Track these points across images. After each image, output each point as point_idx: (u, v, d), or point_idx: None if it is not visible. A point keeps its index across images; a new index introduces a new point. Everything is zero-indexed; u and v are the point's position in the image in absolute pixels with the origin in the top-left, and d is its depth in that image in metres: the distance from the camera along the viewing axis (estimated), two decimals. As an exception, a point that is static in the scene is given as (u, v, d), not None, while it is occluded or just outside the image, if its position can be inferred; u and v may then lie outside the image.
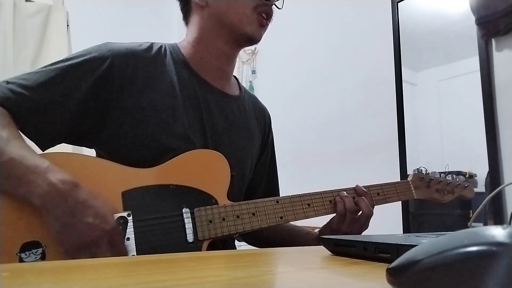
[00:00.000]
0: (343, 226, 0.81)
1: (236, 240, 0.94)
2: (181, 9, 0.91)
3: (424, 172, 0.94)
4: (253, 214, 0.74)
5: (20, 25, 2.46)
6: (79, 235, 0.59)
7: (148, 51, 0.81)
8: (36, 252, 0.60)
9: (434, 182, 0.94)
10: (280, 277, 0.39)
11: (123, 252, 0.63)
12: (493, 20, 1.46)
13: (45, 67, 0.74)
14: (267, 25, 0.85)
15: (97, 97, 0.74)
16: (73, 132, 0.75)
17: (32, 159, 0.61)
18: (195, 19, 0.87)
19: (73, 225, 0.59)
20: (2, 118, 0.66)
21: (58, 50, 2.50)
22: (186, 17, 0.90)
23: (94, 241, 0.59)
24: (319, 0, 2.26)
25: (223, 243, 0.79)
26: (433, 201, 0.94)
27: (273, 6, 0.86)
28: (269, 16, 0.84)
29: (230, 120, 0.87)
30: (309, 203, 0.79)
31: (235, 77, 0.96)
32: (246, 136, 0.91)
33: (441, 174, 0.95)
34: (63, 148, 0.74)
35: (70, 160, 0.70)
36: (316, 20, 2.27)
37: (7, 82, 0.70)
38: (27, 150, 0.63)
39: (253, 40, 0.84)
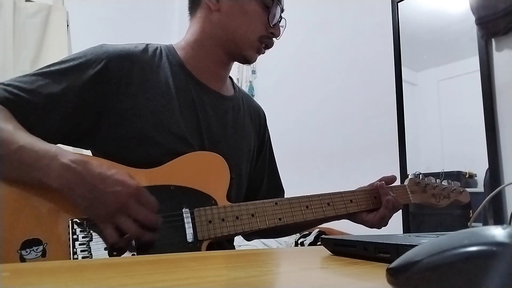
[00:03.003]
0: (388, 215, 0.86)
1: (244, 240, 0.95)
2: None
3: (420, 177, 0.94)
4: (252, 215, 0.74)
5: (20, 25, 2.47)
6: (108, 205, 0.60)
7: (144, 52, 0.82)
8: (36, 250, 0.61)
9: (430, 187, 0.95)
10: (280, 277, 0.39)
11: (154, 205, 0.64)
12: (493, 20, 1.46)
13: (41, 69, 0.74)
14: (264, 53, 0.89)
15: (93, 99, 0.74)
16: (69, 134, 0.75)
17: (40, 145, 0.63)
18: (201, 18, 0.86)
19: (98, 198, 0.60)
20: (3, 113, 0.67)
21: (58, 50, 2.50)
22: (192, 9, 0.89)
23: (124, 205, 0.60)
24: (319, 0, 2.26)
25: (220, 246, 0.79)
26: (430, 205, 0.95)
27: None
28: (268, 47, 0.89)
29: (225, 121, 0.87)
30: (307, 205, 0.79)
31: (230, 77, 0.97)
32: (242, 136, 0.91)
33: (437, 179, 0.96)
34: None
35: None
36: (316, 20, 2.27)
37: (3, 84, 0.70)
38: (33, 137, 0.65)
39: (247, 62, 0.89)
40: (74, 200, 0.61)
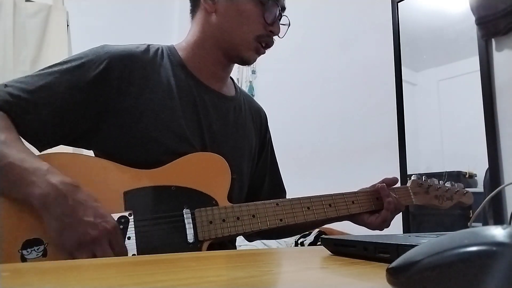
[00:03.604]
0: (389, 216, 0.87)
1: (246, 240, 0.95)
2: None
3: (423, 178, 0.94)
4: (253, 216, 0.74)
5: (20, 25, 2.46)
6: (80, 233, 0.59)
7: (145, 53, 0.82)
8: (37, 249, 0.61)
9: (433, 189, 0.94)
10: (280, 277, 0.39)
11: (123, 251, 0.63)
12: (493, 20, 1.46)
13: (42, 70, 0.74)
14: (264, 52, 0.87)
15: (94, 99, 0.74)
16: (71, 134, 0.75)
17: (31, 162, 0.62)
18: (200, 19, 0.86)
19: (74, 224, 0.59)
20: (1, 121, 0.66)
21: (58, 50, 2.50)
22: (193, 11, 0.89)
23: (95, 239, 0.59)
24: (319, 0, 2.26)
25: (222, 247, 0.79)
26: (433, 207, 0.94)
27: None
28: (268, 46, 0.87)
29: (227, 121, 0.87)
30: (309, 206, 0.79)
31: (231, 77, 0.97)
32: (243, 136, 0.91)
33: (440, 181, 0.95)
34: (62, 149, 0.74)
35: (73, 160, 0.70)
36: (316, 20, 2.27)
37: (5, 86, 0.70)
38: (26, 153, 0.63)
39: (245, 63, 0.88)
40: (48, 220, 0.59)
